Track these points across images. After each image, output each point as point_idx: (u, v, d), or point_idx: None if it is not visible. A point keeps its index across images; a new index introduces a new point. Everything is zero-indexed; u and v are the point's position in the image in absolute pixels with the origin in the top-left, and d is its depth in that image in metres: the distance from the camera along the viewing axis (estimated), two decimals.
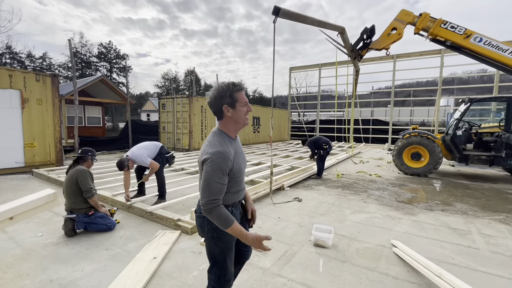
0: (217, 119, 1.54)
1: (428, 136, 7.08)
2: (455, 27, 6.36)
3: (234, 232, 1.40)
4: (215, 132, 1.52)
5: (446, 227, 3.66)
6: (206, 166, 1.37)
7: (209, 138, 1.50)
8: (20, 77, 6.91)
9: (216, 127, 1.56)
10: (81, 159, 3.47)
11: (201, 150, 1.48)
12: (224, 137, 1.49)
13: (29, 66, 32.66)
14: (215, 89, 1.48)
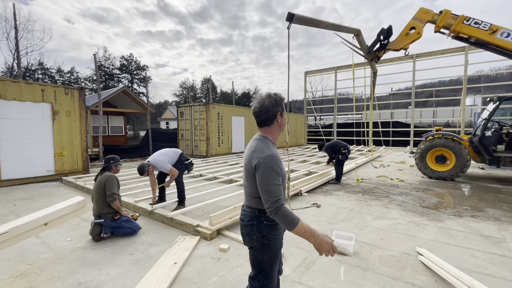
0: (261, 126, 1.59)
1: (454, 137, 6.74)
2: (479, 23, 6.07)
3: (302, 229, 1.37)
4: (259, 139, 1.56)
5: (477, 235, 3.44)
6: (260, 170, 1.40)
7: (254, 144, 1.54)
8: (51, 91, 7.41)
9: (258, 134, 1.61)
10: (107, 168, 3.66)
11: (248, 157, 1.52)
12: (269, 142, 1.55)
13: (59, 80, 34.95)
14: (268, 98, 1.54)
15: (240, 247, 3.13)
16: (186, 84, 52.94)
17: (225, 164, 9.69)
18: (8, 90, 6.66)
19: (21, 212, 4.56)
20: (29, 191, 6.16)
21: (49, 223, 1.61)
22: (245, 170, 1.54)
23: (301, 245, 3.19)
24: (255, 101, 1.55)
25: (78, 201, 1.79)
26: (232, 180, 6.66)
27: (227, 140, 13.38)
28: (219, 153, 12.89)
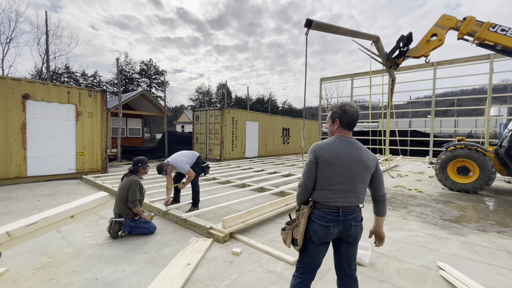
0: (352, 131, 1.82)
1: (478, 148, 6.43)
2: (507, 29, 5.83)
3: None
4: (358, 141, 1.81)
5: (504, 251, 3.24)
6: (379, 168, 1.78)
7: (360, 146, 1.76)
8: (76, 93, 7.79)
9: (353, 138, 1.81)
10: (134, 171, 3.74)
11: (366, 157, 1.70)
12: None
13: (82, 83, 36.66)
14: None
15: (252, 251, 3.11)
16: (202, 89, 54.00)
17: (238, 168, 9.73)
18: (37, 91, 7.07)
19: (44, 207, 4.76)
20: (52, 187, 6.44)
21: (75, 216, 1.68)
22: (363, 168, 1.67)
23: None
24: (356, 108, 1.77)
25: (102, 196, 1.86)
26: (245, 185, 6.66)
27: (240, 144, 13.45)
28: (233, 157, 12.97)
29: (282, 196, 5.53)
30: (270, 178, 7.93)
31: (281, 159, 13.79)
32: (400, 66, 7.03)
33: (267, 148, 15.29)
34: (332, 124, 1.81)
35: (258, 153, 14.63)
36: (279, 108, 50.91)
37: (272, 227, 3.94)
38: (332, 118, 1.80)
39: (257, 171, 9.27)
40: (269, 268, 2.74)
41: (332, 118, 1.80)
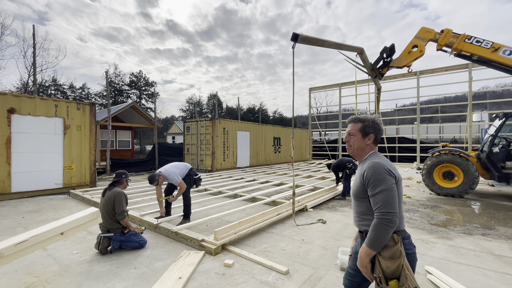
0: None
1: (461, 153, 6.68)
2: (481, 41, 6.19)
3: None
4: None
5: (488, 253, 3.35)
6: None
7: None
8: (64, 107, 7.69)
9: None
10: (117, 182, 3.72)
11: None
12: None
13: (70, 96, 36.09)
14: None
15: (245, 262, 3.11)
16: (193, 100, 54.01)
17: (230, 178, 9.70)
18: (23, 105, 6.94)
19: (29, 225, 4.62)
20: (37, 203, 6.25)
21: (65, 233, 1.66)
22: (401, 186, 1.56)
23: (307, 261, 3.15)
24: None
25: (92, 212, 1.85)
26: (237, 195, 6.65)
27: (232, 155, 13.46)
28: (224, 167, 12.94)
29: (274, 205, 5.55)
30: (262, 187, 7.94)
31: (273, 168, 13.84)
32: (385, 76, 7.29)
33: (259, 158, 15.34)
34: (362, 138, 1.61)
35: (250, 163, 14.64)
36: (270, 118, 51.34)
37: (264, 237, 3.94)
38: (365, 131, 1.61)
39: (249, 181, 9.26)
40: (262, 279, 2.74)
41: (365, 131, 1.61)
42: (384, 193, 1.38)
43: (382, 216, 1.36)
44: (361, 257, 1.44)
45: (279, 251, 3.45)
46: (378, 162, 1.47)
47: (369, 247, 1.40)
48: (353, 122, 1.67)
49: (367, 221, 1.51)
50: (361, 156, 1.65)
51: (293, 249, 3.53)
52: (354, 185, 1.61)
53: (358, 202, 1.58)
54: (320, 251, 3.44)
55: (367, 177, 1.46)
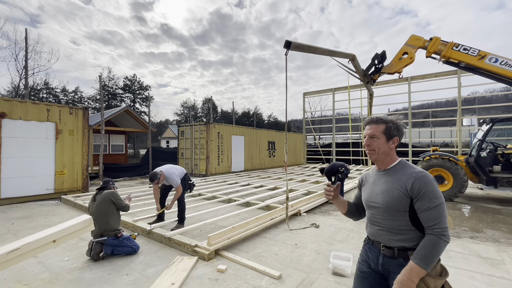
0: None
1: (450, 158, 6.83)
2: (468, 49, 6.39)
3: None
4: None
5: (476, 256, 3.43)
6: None
7: None
8: (56, 111, 7.62)
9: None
10: (106, 187, 3.81)
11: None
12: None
13: (63, 99, 35.68)
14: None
15: (238, 268, 3.12)
16: (188, 104, 53.97)
17: (224, 183, 9.70)
18: (14, 110, 6.86)
19: (19, 231, 4.54)
20: (28, 209, 6.14)
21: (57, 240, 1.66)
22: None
23: (300, 266, 3.18)
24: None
25: (84, 219, 1.85)
26: (231, 200, 6.66)
27: (226, 159, 13.45)
28: (219, 172, 12.92)
29: (268, 210, 5.57)
30: (256, 192, 7.96)
31: (268, 172, 13.88)
32: (377, 81, 7.45)
33: (253, 162, 15.36)
34: (386, 141, 1.45)
35: (245, 167, 14.65)
36: (265, 122, 51.56)
37: (258, 242, 3.96)
38: (389, 133, 1.44)
39: (243, 185, 9.27)
40: (254, 284, 2.76)
41: (389, 133, 1.44)
42: (441, 207, 1.27)
43: (444, 232, 1.23)
44: (410, 280, 1.22)
45: (272, 255, 3.47)
46: (426, 172, 1.34)
47: (423, 267, 1.22)
48: (375, 123, 1.48)
49: (403, 235, 1.35)
50: (386, 162, 1.47)
51: (286, 253, 3.56)
52: (387, 196, 1.39)
53: (393, 215, 1.37)
54: (312, 256, 3.47)
55: (419, 189, 1.29)
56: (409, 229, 1.34)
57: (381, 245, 1.43)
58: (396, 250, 1.37)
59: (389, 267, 1.40)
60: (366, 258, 1.53)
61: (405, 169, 1.41)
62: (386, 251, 1.41)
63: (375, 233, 1.47)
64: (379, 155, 1.46)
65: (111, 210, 3.56)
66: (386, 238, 1.41)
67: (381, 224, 1.43)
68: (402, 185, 1.35)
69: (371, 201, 1.48)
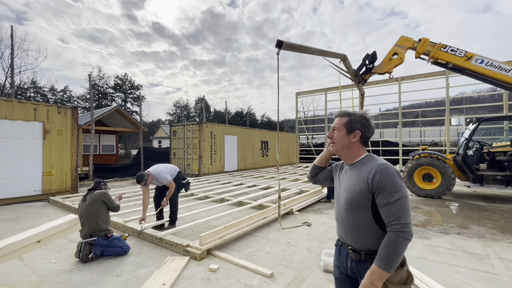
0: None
1: (438, 156, 6.99)
2: (455, 50, 6.54)
3: None
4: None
5: (462, 251, 3.52)
6: None
7: None
8: (43, 110, 7.44)
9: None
10: (97, 188, 3.73)
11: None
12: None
13: (51, 99, 34.84)
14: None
15: (230, 267, 3.12)
16: (180, 103, 53.48)
17: (217, 183, 9.66)
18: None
19: (4, 234, 4.41)
20: (14, 211, 5.98)
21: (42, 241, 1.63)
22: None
23: (291, 264, 3.20)
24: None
25: (71, 219, 1.81)
26: (223, 199, 6.64)
27: (219, 159, 13.41)
28: (212, 172, 12.86)
29: (260, 209, 5.58)
30: (249, 191, 7.96)
31: (261, 172, 13.89)
32: (368, 81, 7.55)
33: (247, 162, 15.35)
34: (347, 134, 1.38)
35: (238, 167, 14.63)
36: (258, 121, 51.58)
37: (250, 241, 3.96)
38: (350, 126, 1.38)
39: (236, 185, 9.26)
40: (246, 283, 2.76)
41: (350, 126, 1.38)
42: (402, 201, 1.16)
43: (403, 228, 1.13)
44: (372, 284, 1.14)
45: (264, 254, 3.48)
46: (388, 164, 1.25)
47: (384, 269, 1.12)
48: (340, 116, 1.43)
49: (368, 236, 1.26)
50: (348, 157, 1.41)
51: (278, 252, 3.57)
52: (350, 192, 1.31)
53: (355, 213, 1.28)
54: (304, 254, 3.50)
55: (379, 182, 1.20)
56: (373, 227, 1.25)
57: (349, 248, 1.36)
58: (363, 254, 1.28)
59: (358, 271, 1.32)
60: (337, 262, 1.47)
61: (369, 163, 1.32)
62: (354, 255, 1.33)
63: (342, 234, 1.40)
64: (338, 148, 1.42)
65: (102, 210, 3.50)
66: (352, 239, 1.33)
67: (345, 223, 1.35)
68: (363, 179, 1.27)
69: (337, 198, 1.44)
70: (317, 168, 1.66)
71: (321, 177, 1.67)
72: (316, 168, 1.67)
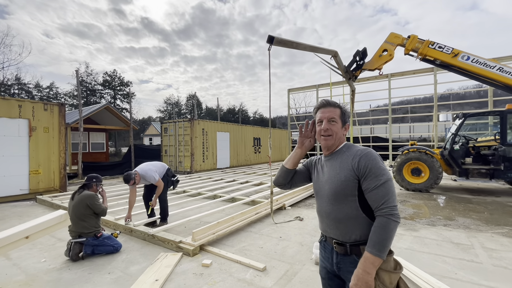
0: None
1: (427, 151, 7.16)
2: (443, 47, 6.69)
3: None
4: None
5: (448, 242, 3.64)
6: None
7: None
8: (29, 107, 7.22)
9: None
10: (87, 185, 3.59)
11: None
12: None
13: (37, 95, 33.81)
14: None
15: (223, 262, 3.13)
16: (171, 100, 52.81)
17: (209, 179, 9.63)
18: None
19: None
20: (0, 211, 5.81)
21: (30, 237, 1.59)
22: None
23: (284, 257, 3.24)
24: None
25: (60, 214, 1.78)
26: (216, 196, 6.63)
27: (212, 156, 13.35)
28: (204, 169, 12.81)
29: (253, 205, 5.60)
30: (242, 188, 7.98)
31: (253, 168, 13.92)
32: (358, 78, 7.64)
33: (239, 158, 15.35)
34: (342, 127, 1.35)
35: (230, 164, 14.62)
36: (250, 118, 51.54)
37: (243, 236, 3.99)
38: (344, 119, 1.36)
39: (229, 181, 9.26)
40: (239, 277, 2.78)
41: (344, 119, 1.36)
42: (389, 184, 1.15)
43: (392, 211, 1.12)
44: (365, 272, 1.10)
45: (257, 249, 3.51)
46: (370, 149, 1.25)
47: (376, 255, 1.09)
48: (333, 106, 1.35)
49: (353, 226, 1.22)
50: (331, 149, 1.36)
51: (271, 246, 3.61)
52: (334, 182, 1.26)
53: (341, 203, 1.24)
54: (296, 247, 3.55)
55: (365, 166, 1.18)
56: (359, 216, 1.21)
57: (333, 241, 1.30)
58: (348, 246, 1.23)
59: (343, 266, 1.26)
60: (322, 260, 1.41)
61: (350, 150, 1.30)
62: (339, 248, 1.27)
63: (325, 228, 1.34)
64: (335, 140, 1.33)
65: (87, 214, 3.34)
66: (337, 232, 1.27)
67: (330, 216, 1.28)
68: (348, 166, 1.24)
69: (319, 191, 1.38)
70: (290, 171, 1.49)
71: (298, 179, 1.52)
72: (289, 172, 1.49)
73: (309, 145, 1.46)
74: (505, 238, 3.74)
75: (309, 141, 1.45)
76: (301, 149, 1.46)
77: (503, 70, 6.14)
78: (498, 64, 6.28)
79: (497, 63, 6.31)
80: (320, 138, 1.36)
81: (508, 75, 6.08)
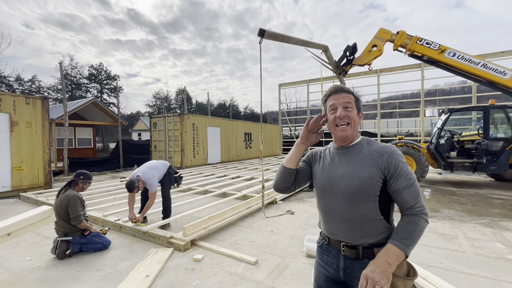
0: None
1: (414, 145, 7.34)
2: (430, 43, 6.81)
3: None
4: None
5: (434, 233, 3.77)
6: None
7: None
8: (9, 101, 6.91)
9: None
10: (73, 182, 3.45)
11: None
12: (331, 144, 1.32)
13: (18, 89, 32.46)
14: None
15: (214, 256, 3.13)
16: (160, 95, 51.88)
17: (200, 175, 9.57)
18: None
19: None
20: None
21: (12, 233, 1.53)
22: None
23: (275, 251, 3.27)
24: None
25: (44, 210, 1.72)
26: (207, 191, 6.60)
27: (202, 151, 13.25)
28: (194, 164, 12.70)
29: (244, 199, 5.61)
30: (233, 183, 7.97)
31: (244, 163, 13.92)
32: (348, 73, 7.70)
33: (230, 153, 15.30)
34: (357, 115, 1.20)
35: (221, 159, 14.55)
36: (241, 113, 51.32)
37: (234, 231, 3.99)
38: (358, 106, 1.22)
39: (220, 176, 9.23)
40: (231, 271, 2.79)
41: (358, 106, 1.22)
42: (417, 183, 1.09)
43: (425, 211, 1.06)
44: (387, 262, 0.96)
45: (248, 243, 3.53)
46: (394, 146, 1.14)
47: (402, 249, 0.98)
48: (346, 92, 1.19)
49: (369, 229, 1.10)
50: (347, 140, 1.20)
51: (262, 240, 3.63)
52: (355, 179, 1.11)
53: (360, 203, 1.10)
54: (288, 241, 3.58)
55: (395, 165, 1.07)
56: (376, 219, 1.10)
57: (341, 244, 1.16)
58: (361, 248, 1.11)
59: (353, 272, 1.13)
60: (322, 265, 1.25)
61: (371, 145, 1.16)
62: (348, 252, 1.14)
63: (333, 229, 1.19)
64: (354, 130, 1.17)
65: (68, 217, 3.21)
66: (350, 234, 1.13)
67: (345, 216, 1.13)
68: (372, 163, 1.10)
69: (330, 187, 1.18)
70: (293, 172, 1.29)
71: (301, 178, 1.34)
72: (291, 172, 1.29)
73: (314, 140, 1.28)
74: (486, 228, 3.90)
75: (315, 135, 1.27)
76: (305, 145, 1.27)
77: (487, 67, 6.33)
78: (482, 61, 6.45)
79: (481, 59, 6.49)
80: (336, 129, 1.18)
81: (491, 71, 6.27)
